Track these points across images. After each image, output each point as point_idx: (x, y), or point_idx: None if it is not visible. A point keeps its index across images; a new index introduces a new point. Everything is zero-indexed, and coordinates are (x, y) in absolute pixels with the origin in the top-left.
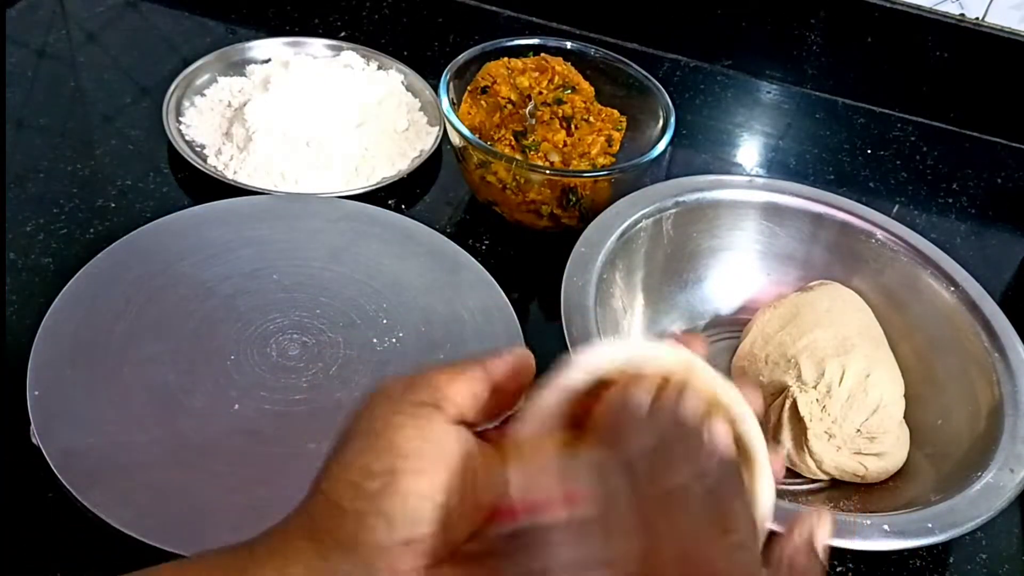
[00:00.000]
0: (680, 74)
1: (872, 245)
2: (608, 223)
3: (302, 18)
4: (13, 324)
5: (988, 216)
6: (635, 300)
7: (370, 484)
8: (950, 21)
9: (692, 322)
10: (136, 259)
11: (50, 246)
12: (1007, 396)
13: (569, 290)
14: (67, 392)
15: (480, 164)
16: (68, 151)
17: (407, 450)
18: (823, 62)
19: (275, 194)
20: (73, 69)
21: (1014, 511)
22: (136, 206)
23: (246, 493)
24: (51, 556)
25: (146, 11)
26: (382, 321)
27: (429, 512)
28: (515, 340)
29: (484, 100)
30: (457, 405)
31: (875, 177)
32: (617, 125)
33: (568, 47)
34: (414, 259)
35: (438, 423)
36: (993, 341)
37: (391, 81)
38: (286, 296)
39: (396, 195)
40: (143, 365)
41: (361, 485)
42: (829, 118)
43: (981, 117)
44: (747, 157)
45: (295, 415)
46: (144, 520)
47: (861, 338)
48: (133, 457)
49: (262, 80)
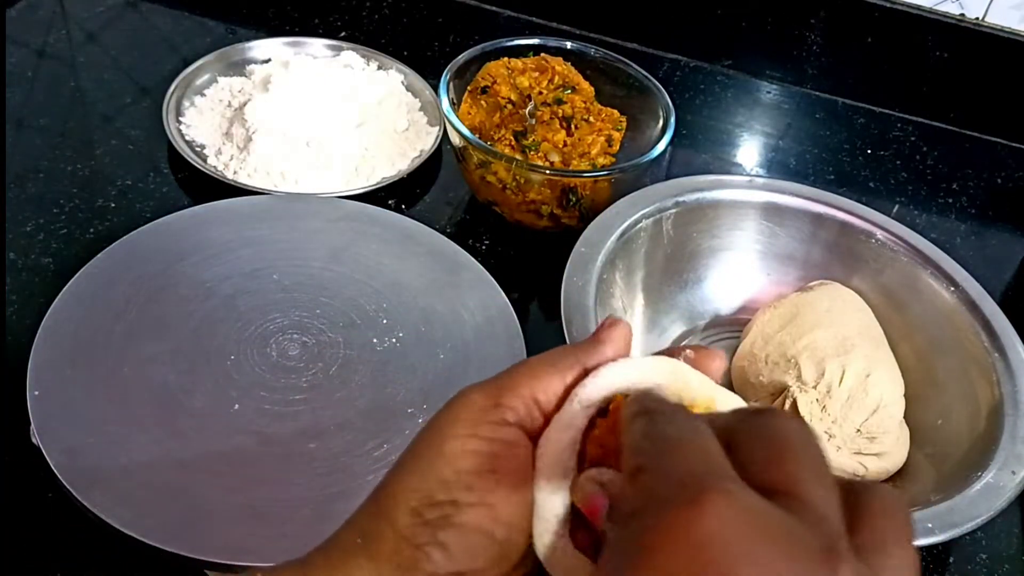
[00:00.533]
0: (680, 74)
1: (872, 245)
2: (608, 223)
3: (302, 18)
4: (13, 324)
5: (988, 216)
6: (635, 300)
7: (431, 513)
8: (950, 21)
9: (692, 322)
10: (136, 259)
11: (50, 246)
12: (1007, 396)
13: (569, 290)
14: (67, 392)
15: (480, 164)
16: (68, 151)
17: (474, 483)
18: (823, 62)
19: (275, 194)
20: (73, 69)
21: (1014, 511)
22: (136, 206)
23: (246, 493)
24: (51, 556)
25: (146, 11)
26: (382, 321)
27: (486, 546)
28: (515, 340)
29: (484, 100)
30: (546, 412)
31: (875, 177)
32: (617, 125)
33: (568, 47)
34: (414, 259)
35: (515, 448)
36: (993, 341)
37: (391, 81)
38: (286, 296)
39: (396, 195)
40: (143, 365)
41: (422, 513)
42: (829, 118)
43: (981, 117)
44: (747, 157)
45: (295, 415)
46: (144, 520)
47: (861, 338)
48: (133, 457)
49: (262, 80)
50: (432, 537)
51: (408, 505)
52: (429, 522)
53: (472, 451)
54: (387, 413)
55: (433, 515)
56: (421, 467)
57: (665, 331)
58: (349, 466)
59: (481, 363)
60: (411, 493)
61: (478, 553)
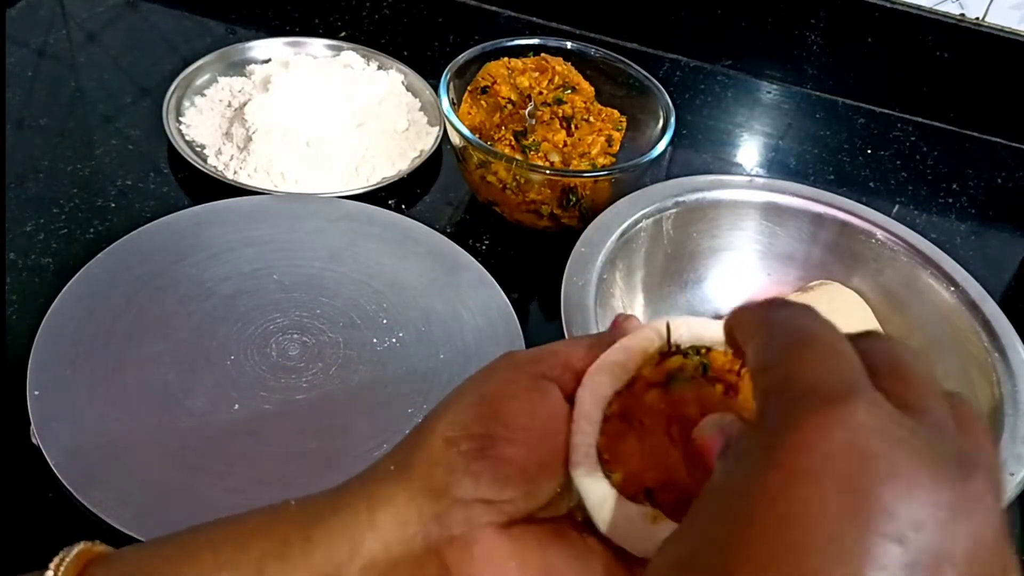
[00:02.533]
0: (680, 74)
1: (872, 245)
2: (608, 223)
3: (302, 18)
4: (13, 324)
5: (988, 216)
6: (635, 300)
7: (466, 444)
8: (950, 21)
9: None
10: (136, 259)
11: (50, 246)
12: (1007, 396)
13: (569, 290)
14: (67, 392)
15: (480, 164)
16: (68, 151)
17: (510, 421)
18: (823, 62)
19: (275, 194)
20: (73, 69)
21: (1014, 511)
22: (136, 206)
23: (246, 493)
24: (51, 556)
25: (146, 11)
26: (382, 321)
27: (516, 479)
28: (515, 340)
29: (484, 100)
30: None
31: (875, 177)
32: (617, 125)
33: (568, 47)
34: (414, 259)
35: (553, 399)
36: (993, 341)
37: (391, 81)
38: (286, 296)
39: (396, 195)
40: (143, 365)
41: (457, 443)
42: (829, 118)
43: (981, 117)
44: (747, 157)
45: (295, 415)
46: (144, 520)
47: None
48: (133, 457)
49: (262, 80)
50: (465, 465)
51: (444, 435)
52: (463, 452)
53: (511, 394)
54: (387, 413)
55: (467, 446)
56: (460, 404)
57: None
58: (349, 466)
59: (481, 363)
60: (447, 425)
61: (507, 485)
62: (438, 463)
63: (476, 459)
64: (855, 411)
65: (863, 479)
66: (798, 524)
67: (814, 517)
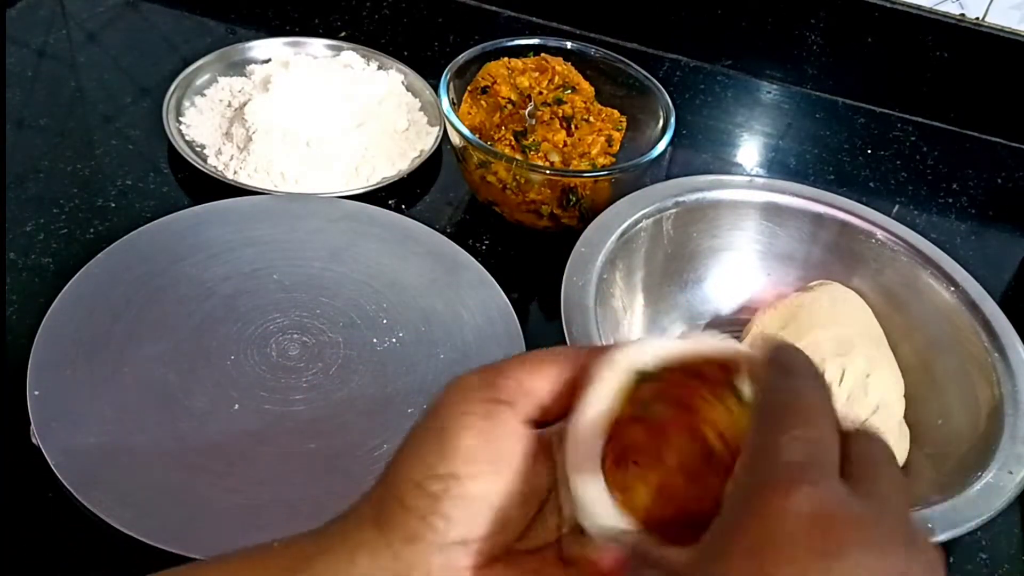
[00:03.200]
0: (680, 74)
1: (872, 245)
2: (608, 223)
3: (302, 18)
4: (13, 324)
5: (988, 216)
6: (635, 300)
7: (432, 486)
8: (950, 21)
9: (692, 322)
10: (136, 259)
11: (50, 246)
12: (1007, 396)
13: (569, 290)
14: (67, 392)
15: (480, 164)
16: (68, 151)
17: (470, 454)
18: (823, 62)
19: (275, 194)
20: (73, 69)
21: (1014, 511)
22: (136, 206)
23: (246, 493)
24: (51, 556)
25: (146, 11)
26: (382, 321)
27: (486, 515)
28: (515, 340)
29: (484, 100)
30: (538, 399)
31: (875, 177)
32: (617, 125)
33: (568, 47)
34: (414, 259)
35: (508, 424)
36: (993, 341)
37: (391, 81)
38: (286, 296)
39: (396, 195)
40: (143, 365)
41: (424, 486)
42: (829, 118)
43: (981, 117)
44: (747, 157)
45: (295, 415)
46: (144, 520)
47: (861, 338)
48: (133, 457)
49: (262, 80)
50: (435, 508)
51: (412, 479)
52: (431, 494)
53: (467, 427)
54: (387, 413)
55: (435, 487)
56: (422, 444)
57: (665, 331)
58: (349, 466)
59: (481, 363)
60: (414, 468)
61: (479, 522)
62: (410, 509)
63: (444, 499)
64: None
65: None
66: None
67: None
